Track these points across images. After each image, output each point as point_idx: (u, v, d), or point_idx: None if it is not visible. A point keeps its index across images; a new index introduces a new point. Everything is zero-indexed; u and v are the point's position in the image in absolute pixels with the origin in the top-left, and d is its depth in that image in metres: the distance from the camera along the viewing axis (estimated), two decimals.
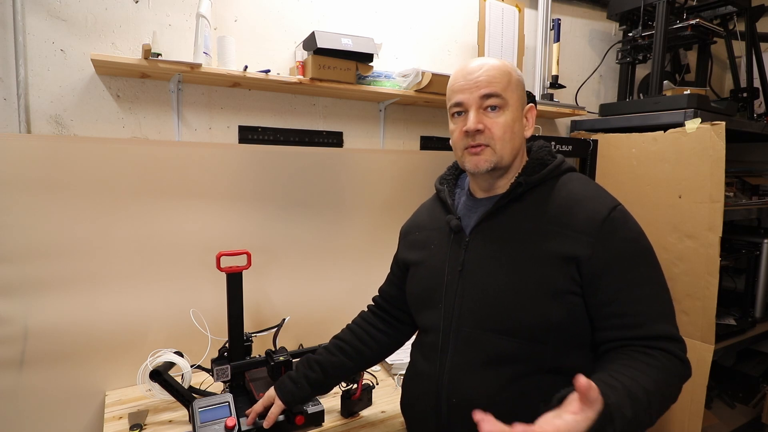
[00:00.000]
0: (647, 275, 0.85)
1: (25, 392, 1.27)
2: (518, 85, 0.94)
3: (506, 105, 0.90)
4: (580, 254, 0.83)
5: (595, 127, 2.15)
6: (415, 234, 1.10)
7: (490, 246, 0.92)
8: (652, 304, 0.84)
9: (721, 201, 1.62)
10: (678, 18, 2.03)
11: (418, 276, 1.04)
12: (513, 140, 0.92)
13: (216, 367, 1.19)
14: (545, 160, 0.95)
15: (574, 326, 0.86)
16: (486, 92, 0.89)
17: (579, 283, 0.84)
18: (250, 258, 1.27)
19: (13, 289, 1.24)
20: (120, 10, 1.37)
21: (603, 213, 0.85)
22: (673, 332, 0.84)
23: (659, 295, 0.85)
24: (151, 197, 1.39)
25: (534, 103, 1.01)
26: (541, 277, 0.85)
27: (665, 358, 0.81)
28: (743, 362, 2.49)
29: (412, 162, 1.85)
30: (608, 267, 0.83)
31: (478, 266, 0.92)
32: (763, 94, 2.21)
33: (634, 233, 0.87)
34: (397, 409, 1.28)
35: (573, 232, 0.85)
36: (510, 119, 0.90)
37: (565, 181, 0.93)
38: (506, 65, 0.93)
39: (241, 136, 1.58)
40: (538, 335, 0.85)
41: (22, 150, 1.23)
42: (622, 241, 0.85)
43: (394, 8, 1.82)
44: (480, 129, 0.89)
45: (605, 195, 0.91)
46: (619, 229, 0.85)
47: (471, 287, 0.92)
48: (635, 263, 0.85)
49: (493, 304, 0.88)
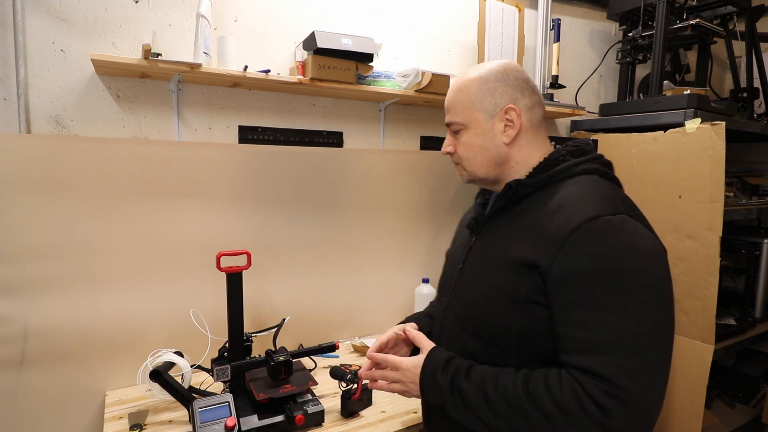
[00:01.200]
0: (602, 299, 0.73)
1: (25, 392, 1.27)
2: (482, 98, 0.91)
3: (465, 127, 0.94)
4: (540, 263, 0.78)
5: (595, 127, 2.15)
6: (458, 229, 1.17)
7: (484, 247, 0.95)
8: (592, 332, 0.73)
9: (721, 201, 1.62)
10: (678, 18, 2.03)
11: (443, 269, 1.13)
12: (479, 155, 0.94)
13: (216, 367, 1.19)
14: (559, 160, 0.89)
15: (539, 338, 0.80)
16: (446, 121, 0.98)
17: (545, 292, 0.79)
18: (250, 258, 1.27)
19: (13, 289, 1.24)
20: (120, 10, 1.37)
21: (575, 222, 0.77)
22: (601, 369, 0.71)
23: (612, 325, 0.72)
24: (151, 197, 1.39)
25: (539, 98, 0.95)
26: (506, 283, 0.83)
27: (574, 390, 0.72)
28: (743, 362, 2.49)
29: (412, 162, 1.85)
30: (563, 282, 0.76)
31: (471, 265, 0.96)
32: (763, 94, 2.21)
33: (606, 248, 0.74)
34: (397, 409, 1.28)
35: (542, 239, 0.80)
36: (470, 137, 0.94)
37: (571, 183, 0.86)
38: (466, 82, 0.93)
39: (241, 136, 1.58)
40: (499, 342, 0.85)
41: (22, 150, 1.23)
42: (583, 255, 0.75)
43: (394, 8, 1.82)
44: (449, 152, 0.98)
45: (597, 203, 0.79)
46: (589, 241, 0.75)
47: (461, 285, 0.97)
48: (590, 283, 0.74)
49: (468, 304, 0.93)
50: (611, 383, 0.70)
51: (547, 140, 0.96)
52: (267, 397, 1.17)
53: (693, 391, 1.71)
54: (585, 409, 0.70)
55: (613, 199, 0.81)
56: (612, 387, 0.70)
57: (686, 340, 1.73)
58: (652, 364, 0.72)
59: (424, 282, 1.84)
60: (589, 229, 0.76)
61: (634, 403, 0.69)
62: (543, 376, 0.77)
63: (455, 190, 1.98)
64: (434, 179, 1.91)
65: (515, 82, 0.91)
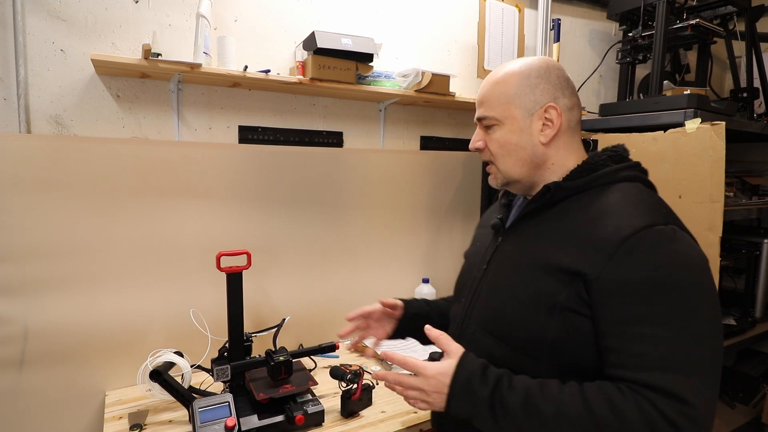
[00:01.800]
0: (662, 313, 0.71)
1: (25, 392, 1.27)
2: (521, 93, 0.87)
3: (500, 122, 0.88)
4: (587, 272, 0.74)
5: (595, 127, 2.15)
6: (478, 230, 1.12)
7: (514, 249, 0.90)
8: (659, 348, 0.69)
9: (721, 201, 1.62)
10: (678, 18, 2.03)
11: (461, 270, 1.08)
12: (514, 153, 0.88)
13: (216, 367, 1.19)
14: (598, 165, 0.85)
15: (575, 348, 0.77)
16: (477, 115, 0.92)
17: (588, 303, 0.75)
18: (250, 258, 1.27)
19: (13, 289, 1.24)
20: (120, 10, 1.37)
21: (626, 231, 0.73)
22: (676, 388, 0.67)
23: (678, 341, 0.70)
24: (151, 197, 1.39)
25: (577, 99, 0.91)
26: (542, 289, 0.79)
27: (641, 409, 0.68)
28: (743, 362, 2.49)
29: (412, 162, 1.85)
30: (615, 292, 0.73)
31: (498, 267, 0.91)
32: (763, 94, 2.21)
33: (662, 260, 0.72)
34: (397, 409, 1.28)
35: (588, 247, 0.76)
36: (506, 134, 0.88)
37: (615, 189, 0.82)
38: (505, 75, 0.88)
39: (241, 136, 1.58)
40: (530, 349, 0.80)
41: (22, 150, 1.23)
42: (638, 266, 0.72)
43: (394, 8, 1.82)
44: (479, 147, 0.92)
45: (647, 212, 0.77)
46: (641, 251, 0.72)
47: (487, 287, 0.92)
48: (647, 295, 0.71)
49: (495, 308, 0.87)
50: (684, 402, 0.67)
51: (581, 144, 0.93)
52: (267, 397, 1.17)
53: None
54: (655, 427, 0.67)
55: (661, 209, 0.80)
56: (685, 406, 0.67)
57: None
58: (714, 382, 0.71)
59: (423, 282, 1.84)
60: (642, 239, 0.73)
61: (703, 422, 0.68)
62: (599, 389, 0.72)
63: (455, 190, 1.98)
64: (434, 179, 1.91)
65: (557, 81, 0.87)
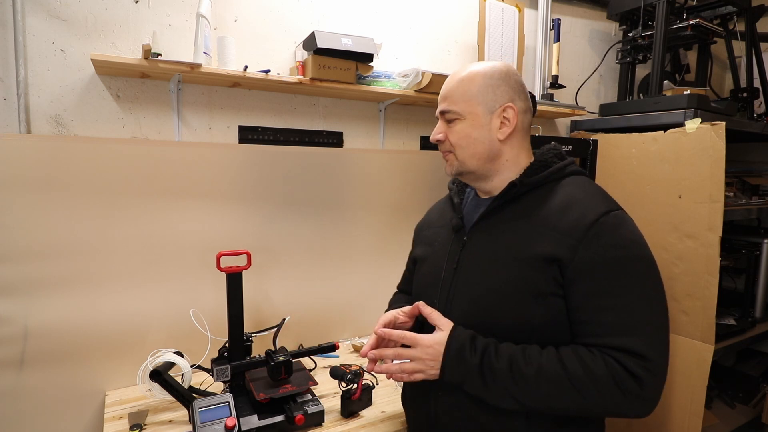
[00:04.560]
0: (625, 285, 0.83)
1: (25, 392, 1.27)
2: (484, 92, 0.94)
3: (462, 117, 0.95)
4: (562, 256, 0.83)
5: (595, 127, 2.15)
6: (425, 231, 1.15)
7: (484, 245, 0.95)
8: (620, 316, 0.81)
9: (721, 201, 1.62)
10: (678, 18, 2.03)
11: (421, 272, 1.09)
12: (473, 146, 0.95)
13: (216, 367, 1.19)
14: (549, 162, 0.96)
15: (557, 328, 0.86)
16: (440, 109, 0.98)
17: (561, 284, 0.85)
18: (250, 258, 1.27)
19: (13, 289, 1.24)
20: (120, 10, 1.37)
21: (591, 217, 0.85)
22: (636, 347, 0.80)
23: (635, 308, 0.82)
24: (151, 197, 1.39)
25: (531, 100, 1.00)
26: (524, 279, 0.86)
27: (609, 366, 0.79)
28: (743, 362, 2.49)
29: (412, 162, 1.85)
30: (585, 272, 0.83)
31: (471, 265, 0.95)
32: (763, 94, 2.21)
33: (623, 240, 0.84)
34: (397, 409, 1.28)
35: (559, 234, 0.85)
36: (466, 127, 0.95)
37: (567, 183, 0.93)
38: (471, 74, 0.95)
39: (241, 136, 1.58)
40: (519, 337, 0.87)
41: (22, 150, 1.23)
42: (605, 247, 0.83)
43: (394, 8, 1.82)
44: (439, 140, 0.99)
45: (602, 200, 0.89)
46: (606, 234, 0.84)
47: (462, 285, 0.95)
48: (614, 272, 0.83)
49: (478, 304, 0.92)
50: (643, 358, 0.79)
51: (530, 145, 1.02)
52: (267, 397, 1.17)
53: (693, 391, 1.71)
54: (621, 381, 0.79)
55: (609, 197, 0.93)
56: (644, 361, 0.79)
57: (686, 340, 1.73)
58: (665, 336, 0.83)
59: None
60: (604, 223, 0.84)
61: (660, 372, 0.81)
62: (573, 351, 0.83)
63: None
64: (434, 179, 1.91)
65: (515, 84, 0.96)
